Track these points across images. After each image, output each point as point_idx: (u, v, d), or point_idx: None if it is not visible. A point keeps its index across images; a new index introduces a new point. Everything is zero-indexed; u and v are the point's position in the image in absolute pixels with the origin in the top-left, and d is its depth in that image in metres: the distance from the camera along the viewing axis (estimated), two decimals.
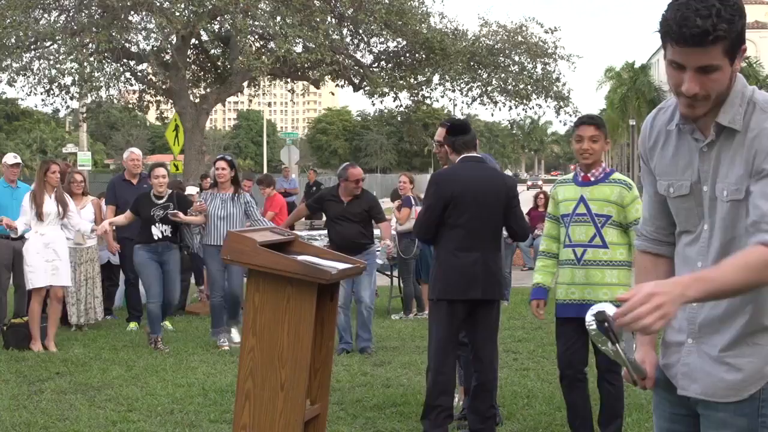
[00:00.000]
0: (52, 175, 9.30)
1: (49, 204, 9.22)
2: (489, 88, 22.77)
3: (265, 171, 63.41)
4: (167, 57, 20.17)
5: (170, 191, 9.59)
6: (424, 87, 22.90)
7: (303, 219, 13.36)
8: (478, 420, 5.69)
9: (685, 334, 2.60)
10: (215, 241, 9.20)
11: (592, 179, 5.33)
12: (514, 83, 22.51)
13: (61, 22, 19.49)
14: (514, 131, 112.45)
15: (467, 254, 5.63)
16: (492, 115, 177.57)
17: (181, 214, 9.27)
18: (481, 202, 5.66)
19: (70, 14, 19.57)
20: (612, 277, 5.28)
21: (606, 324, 2.46)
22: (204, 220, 9.38)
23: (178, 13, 18.59)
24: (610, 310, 2.46)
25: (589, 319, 2.50)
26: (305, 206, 9.88)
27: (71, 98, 20.30)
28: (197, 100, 21.32)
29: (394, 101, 23.03)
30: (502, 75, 22.53)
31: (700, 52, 2.34)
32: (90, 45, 18.88)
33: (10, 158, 9.99)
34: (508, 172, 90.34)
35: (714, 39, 2.30)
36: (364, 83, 21.54)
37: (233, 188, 9.48)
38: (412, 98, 23.25)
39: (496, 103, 23.11)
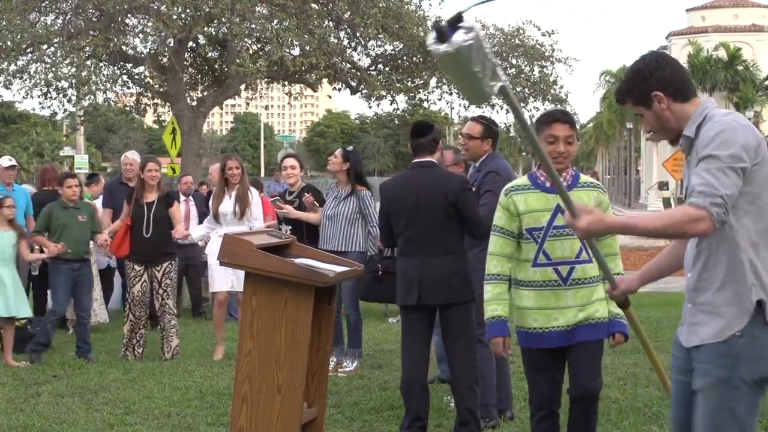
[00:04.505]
0: (229, 171, 8.65)
1: (226, 204, 8.63)
2: None
3: (262, 174, 63.42)
4: (164, 60, 20.14)
5: (303, 185, 8.56)
6: (421, 90, 22.89)
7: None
8: (457, 419, 5.80)
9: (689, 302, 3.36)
10: (321, 243, 8.01)
11: (565, 185, 4.49)
12: (511, 86, 22.50)
13: (57, 25, 19.46)
14: (511, 134, 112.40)
15: (408, 260, 5.69)
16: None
17: (289, 208, 8.28)
18: (416, 208, 5.63)
19: (67, 17, 19.53)
20: (601, 291, 4.59)
21: (439, 28, 2.55)
22: (319, 218, 8.22)
23: (174, 17, 18.57)
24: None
25: (429, 42, 2.72)
26: None
27: (68, 101, 20.26)
28: (194, 103, 21.27)
29: (391, 104, 23.02)
30: None
31: (631, 108, 3.43)
32: (87, 48, 18.85)
33: (5, 161, 10.03)
34: None
35: (621, 99, 3.43)
36: (362, 86, 21.52)
37: (350, 185, 8.15)
38: (409, 101, 23.23)
39: (493, 106, 23.08)
